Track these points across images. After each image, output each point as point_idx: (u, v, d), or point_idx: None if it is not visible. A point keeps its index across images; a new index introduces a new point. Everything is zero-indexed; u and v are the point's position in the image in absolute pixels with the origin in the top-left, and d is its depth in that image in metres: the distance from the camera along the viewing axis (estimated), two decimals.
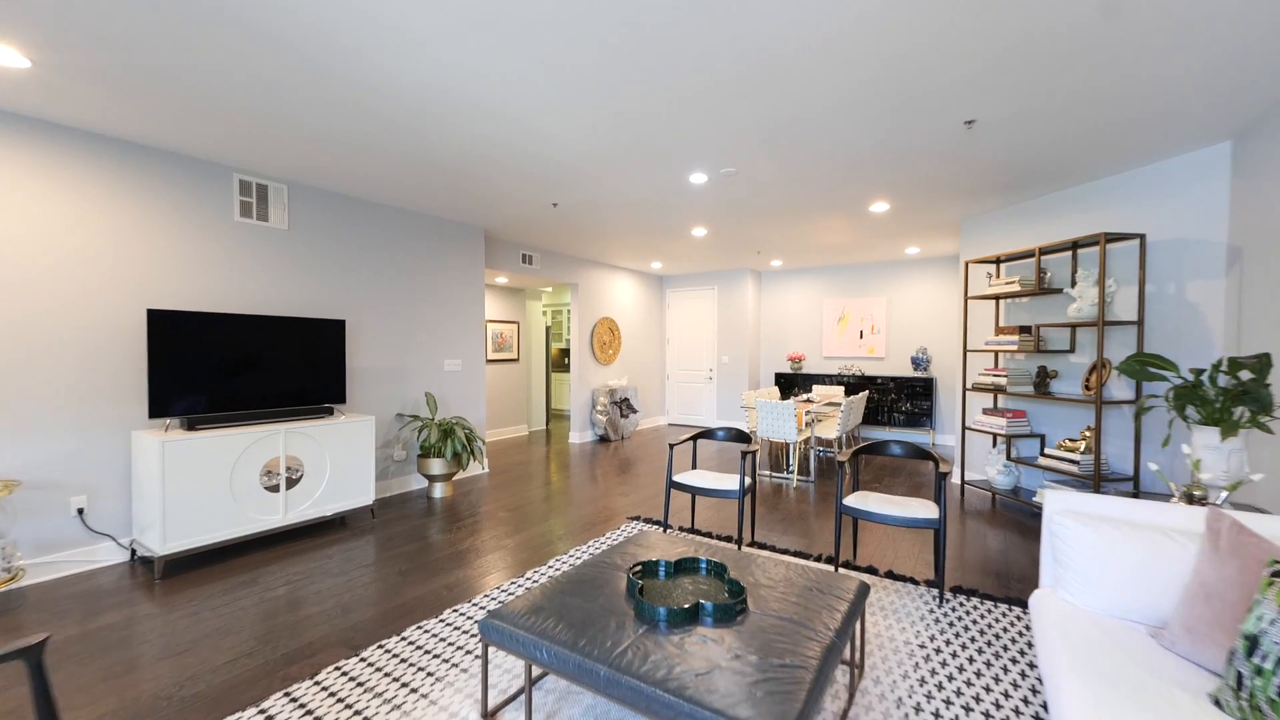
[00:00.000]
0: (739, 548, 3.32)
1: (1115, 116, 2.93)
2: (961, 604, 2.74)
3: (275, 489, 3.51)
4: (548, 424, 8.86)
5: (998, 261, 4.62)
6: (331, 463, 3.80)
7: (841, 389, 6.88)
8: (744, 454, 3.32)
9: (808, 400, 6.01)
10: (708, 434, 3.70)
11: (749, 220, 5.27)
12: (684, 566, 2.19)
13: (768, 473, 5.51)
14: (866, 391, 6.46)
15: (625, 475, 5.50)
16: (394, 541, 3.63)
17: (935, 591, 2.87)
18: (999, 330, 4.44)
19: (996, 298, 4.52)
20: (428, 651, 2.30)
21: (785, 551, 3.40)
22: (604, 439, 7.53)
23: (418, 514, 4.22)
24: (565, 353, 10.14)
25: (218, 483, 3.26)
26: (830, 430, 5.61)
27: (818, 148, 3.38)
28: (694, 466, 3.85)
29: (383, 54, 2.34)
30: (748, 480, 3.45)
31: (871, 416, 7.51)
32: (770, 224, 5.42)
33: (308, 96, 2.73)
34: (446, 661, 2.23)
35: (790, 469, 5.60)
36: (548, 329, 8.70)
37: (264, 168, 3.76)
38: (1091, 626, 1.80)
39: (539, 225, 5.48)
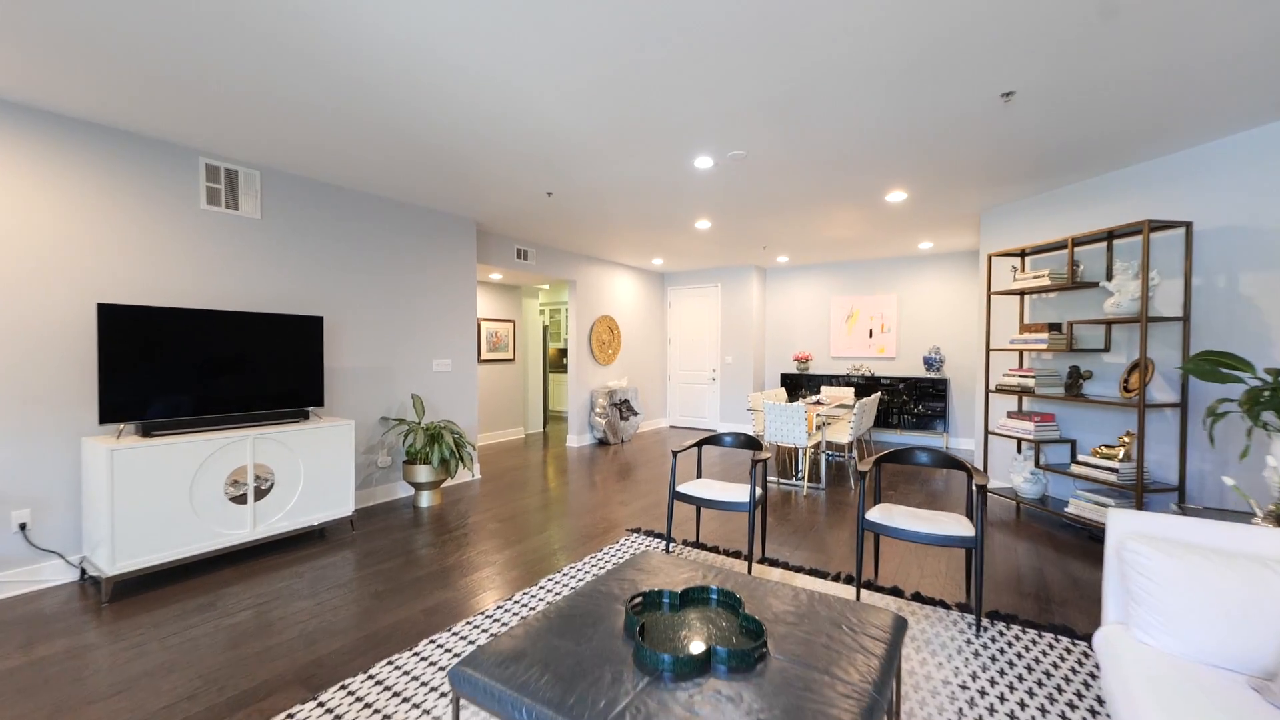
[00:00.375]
0: (749, 567, 3.02)
1: (1164, 90, 2.63)
2: (1001, 633, 2.44)
3: (242, 500, 3.22)
4: (545, 426, 8.56)
5: (1022, 254, 4.32)
6: (306, 471, 3.50)
7: (850, 390, 6.58)
8: (754, 462, 3.02)
9: (818, 403, 5.70)
10: (713, 439, 3.41)
11: (756, 212, 4.97)
12: (691, 598, 1.89)
13: (775, 479, 5.21)
14: (879, 393, 6.15)
15: (625, 481, 5.20)
16: (373, 557, 3.33)
17: (970, 618, 2.57)
18: (1024, 328, 4.14)
19: (1023, 293, 4.21)
20: (396, 694, 2.00)
21: (800, 570, 3.10)
22: (603, 442, 7.23)
23: (402, 525, 3.92)
24: (563, 352, 9.85)
25: (176, 494, 2.96)
26: (841, 434, 5.31)
27: (833, 124, 3.08)
28: (699, 475, 3.55)
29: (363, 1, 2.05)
30: (758, 491, 3.15)
31: (881, 419, 7.21)
32: (778, 216, 5.12)
33: (275, 58, 2.43)
34: (417, 707, 1.93)
35: (799, 475, 5.30)
36: (545, 328, 8.40)
37: (233, 151, 3.46)
38: (1180, 675, 1.50)
39: (534, 217, 5.18)
